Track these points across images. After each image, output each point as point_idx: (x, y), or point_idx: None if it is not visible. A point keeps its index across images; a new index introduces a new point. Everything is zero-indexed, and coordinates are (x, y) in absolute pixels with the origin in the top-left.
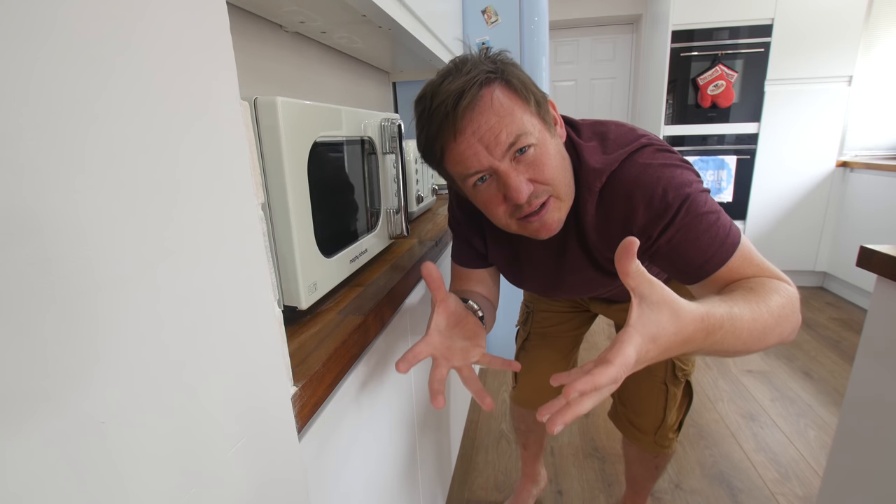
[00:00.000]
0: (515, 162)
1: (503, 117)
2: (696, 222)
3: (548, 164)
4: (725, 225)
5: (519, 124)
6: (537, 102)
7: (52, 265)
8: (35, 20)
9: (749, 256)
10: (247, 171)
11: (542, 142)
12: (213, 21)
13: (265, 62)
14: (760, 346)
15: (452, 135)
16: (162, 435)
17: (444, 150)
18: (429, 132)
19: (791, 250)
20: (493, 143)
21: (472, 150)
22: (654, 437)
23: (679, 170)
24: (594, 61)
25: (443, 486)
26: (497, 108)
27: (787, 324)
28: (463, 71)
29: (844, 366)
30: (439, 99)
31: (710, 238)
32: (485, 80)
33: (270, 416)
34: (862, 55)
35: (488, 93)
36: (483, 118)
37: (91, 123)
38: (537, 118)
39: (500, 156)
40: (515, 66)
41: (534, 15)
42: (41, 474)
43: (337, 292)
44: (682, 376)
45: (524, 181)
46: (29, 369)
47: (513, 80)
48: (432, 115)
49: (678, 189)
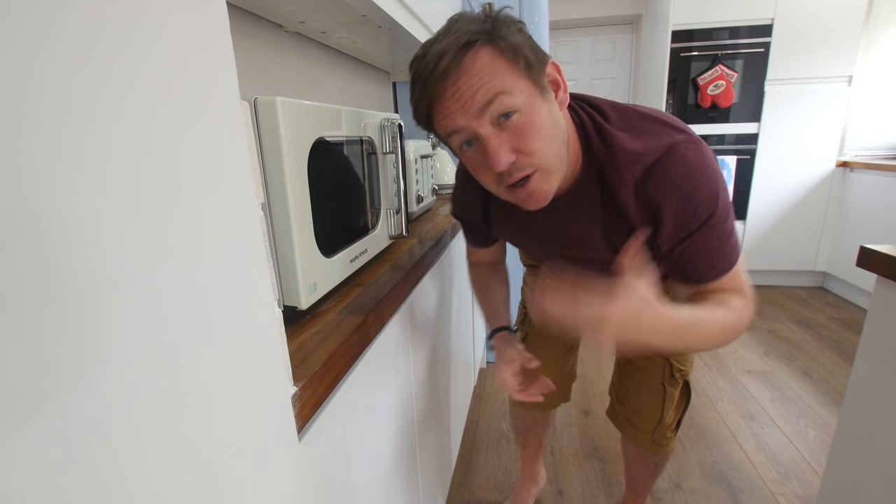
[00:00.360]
0: (499, 127)
1: (482, 77)
2: (713, 237)
3: (534, 133)
4: (734, 242)
5: (499, 84)
6: (528, 64)
7: (53, 265)
8: (36, 20)
9: (737, 273)
10: (247, 171)
11: (529, 107)
12: (213, 21)
13: (265, 62)
14: (698, 349)
15: (435, 97)
16: (161, 435)
17: (430, 112)
18: (415, 94)
19: (791, 250)
20: (470, 101)
21: (450, 110)
22: (652, 436)
23: (711, 175)
24: (594, 61)
25: (443, 486)
26: (478, 68)
27: (723, 339)
28: (451, 31)
29: (844, 366)
30: (424, 61)
31: (718, 254)
32: (467, 42)
33: (270, 416)
34: (862, 55)
35: (471, 55)
36: (462, 80)
37: (91, 123)
38: (527, 80)
39: (477, 114)
40: (511, 24)
41: (534, 15)
42: (42, 474)
43: (337, 292)
44: (680, 377)
45: (505, 149)
46: (29, 369)
47: (500, 42)
48: (418, 78)
49: (708, 202)
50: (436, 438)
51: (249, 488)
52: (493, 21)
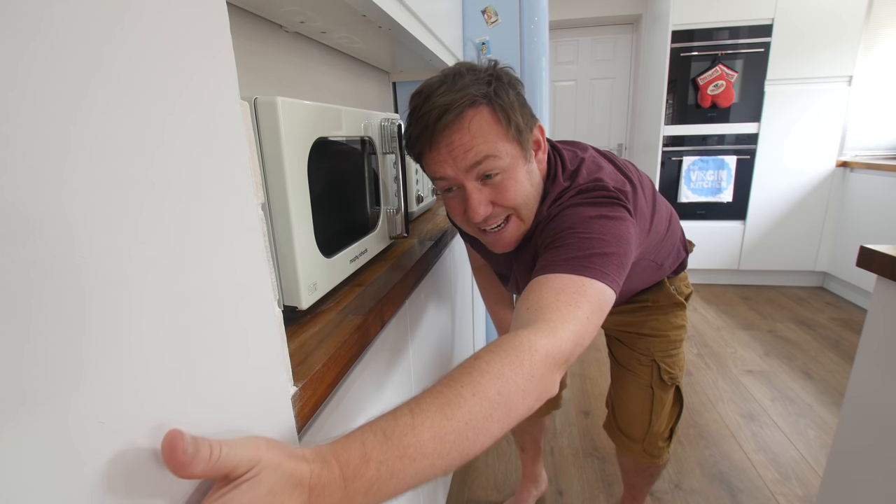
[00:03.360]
0: (482, 183)
1: (476, 137)
2: (566, 243)
3: (512, 190)
4: (589, 267)
5: (490, 147)
6: (518, 130)
7: (53, 265)
8: (33, 20)
9: (568, 298)
10: (247, 171)
11: (511, 168)
12: (213, 21)
13: (265, 62)
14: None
15: (429, 145)
16: (162, 435)
17: (422, 155)
18: (411, 134)
19: (791, 250)
20: (462, 158)
21: (441, 160)
22: (643, 445)
23: (600, 215)
24: (594, 61)
25: (443, 486)
26: (474, 129)
27: (507, 402)
28: (458, 86)
29: (844, 366)
30: (426, 108)
31: (563, 254)
32: (471, 103)
33: (270, 416)
34: (862, 55)
35: (470, 115)
36: (457, 136)
37: (90, 123)
38: (514, 144)
39: (465, 170)
40: (510, 87)
41: (534, 15)
42: (42, 475)
43: (337, 292)
44: (670, 380)
45: (484, 203)
46: (29, 370)
47: (498, 106)
48: (418, 120)
49: (576, 221)
50: None
51: None
52: (497, 82)
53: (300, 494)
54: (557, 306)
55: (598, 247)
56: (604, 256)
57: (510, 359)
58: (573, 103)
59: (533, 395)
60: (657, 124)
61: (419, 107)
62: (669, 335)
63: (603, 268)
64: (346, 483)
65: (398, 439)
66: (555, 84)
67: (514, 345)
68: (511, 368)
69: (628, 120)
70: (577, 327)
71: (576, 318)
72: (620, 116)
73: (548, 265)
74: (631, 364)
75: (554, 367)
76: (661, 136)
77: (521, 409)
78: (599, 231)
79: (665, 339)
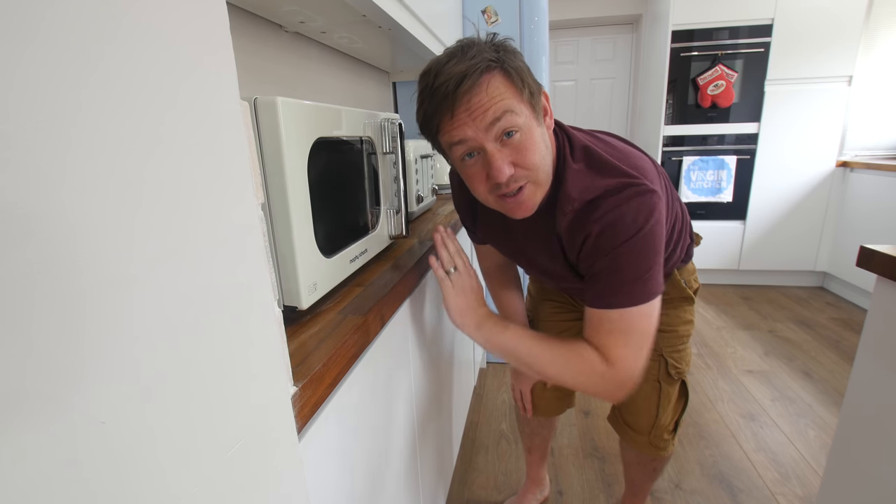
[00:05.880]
0: (501, 144)
1: (493, 97)
2: (617, 265)
3: (531, 150)
4: (638, 291)
5: (507, 104)
6: (531, 93)
7: (53, 265)
8: (34, 20)
9: (620, 326)
10: (247, 171)
11: (528, 128)
12: (213, 21)
13: (265, 62)
14: (529, 369)
15: (449, 113)
16: (162, 435)
17: (440, 126)
18: (428, 108)
19: (791, 250)
20: (481, 117)
21: (461, 122)
22: (649, 438)
23: (641, 218)
24: (594, 61)
25: (443, 486)
26: (492, 91)
27: (558, 373)
28: (468, 55)
29: (844, 366)
30: (442, 79)
31: (613, 283)
32: (486, 68)
33: (270, 416)
34: (862, 55)
35: (486, 79)
36: (477, 98)
37: (90, 124)
38: (528, 106)
39: (485, 129)
40: (516, 54)
41: (534, 15)
42: (43, 475)
43: (337, 292)
44: (677, 375)
45: (507, 163)
46: (30, 370)
47: (510, 70)
48: (433, 93)
49: (626, 233)
50: (436, 438)
51: (250, 488)
52: (503, 50)
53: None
54: (615, 345)
55: (640, 271)
56: (643, 282)
57: (580, 368)
58: (573, 103)
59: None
60: (657, 124)
61: (432, 82)
62: (678, 330)
63: (644, 286)
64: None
65: (497, 339)
66: (555, 84)
67: (586, 359)
68: (578, 374)
69: (628, 120)
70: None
71: (628, 348)
72: (620, 116)
73: (600, 297)
74: None
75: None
76: (661, 136)
77: (559, 381)
78: (639, 250)
79: (674, 333)
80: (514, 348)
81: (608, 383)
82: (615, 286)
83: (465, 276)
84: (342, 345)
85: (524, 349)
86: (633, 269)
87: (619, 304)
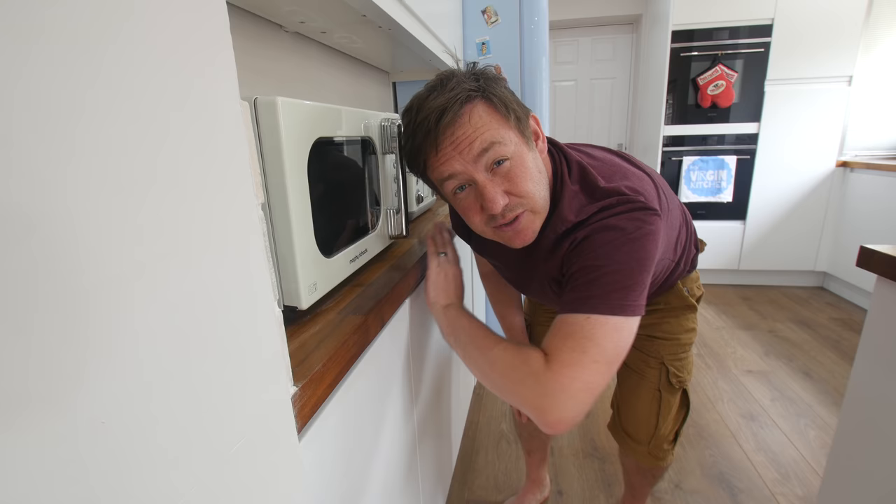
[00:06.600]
0: (492, 174)
1: (478, 128)
2: (590, 277)
3: (523, 178)
4: (607, 306)
5: (493, 134)
6: (517, 118)
7: (53, 265)
8: (36, 21)
9: (570, 330)
10: (247, 171)
11: (518, 155)
12: (214, 21)
13: (265, 62)
14: (483, 372)
15: (434, 149)
16: (163, 434)
17: (427, 162)
18: (412, 145)
19: (791, 250)
20: (467, 149)
21: (448, 157)
22: (648, 448)
23: (632, 241)
24: (594, 61)
25: (443, 486)
26: (475, 121)
27: (490, 371)
28: (447, 87)
29: (844, 366)
30: (423, 114)
31: (582, 293)
32: (466, 98)
33: (270, 415)
34: (862, 55)
35: (468, 109)
36: (460, 131)
37: (90, 124)
38: (515, 132)
39: (473, 161)
40: (499, 81)
41: (534, 15)
42: (43, 475)
43: (337, 292)
44: (678, 384)
45: (500, 193)
46: (30, 370)
47: (493, 98)
48: (416, 130)
49: (612, 252)
50: (436, 438)
51: (250, 488)
52: (484, 79)
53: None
54: (565, 349)
55: (620, 280)
56: (621, 292)
57: (517, 363)
58: (573, 103)
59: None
60: (657, 124)
61: (414, 118)
62: (681, 338)
63: (622, 298)
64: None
65: (456, 322)
66: (555, 84)
67: (526, 358)
68: (512, 369)
69: (628, 120)
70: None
71: (581, 363)
72: (620, 116)
73: (569, 301)
74: (639, 366)
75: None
76: (661, 136)
77: (492, 387)
78: (624, 258)
79: (676, 342)
80: (469, 332)
81: (536, 385)
82: (590, 289)
83: (452, 264)
84: (342, 345)
85: (479, 336)
86: (613, 275)
87: (590, 309)
